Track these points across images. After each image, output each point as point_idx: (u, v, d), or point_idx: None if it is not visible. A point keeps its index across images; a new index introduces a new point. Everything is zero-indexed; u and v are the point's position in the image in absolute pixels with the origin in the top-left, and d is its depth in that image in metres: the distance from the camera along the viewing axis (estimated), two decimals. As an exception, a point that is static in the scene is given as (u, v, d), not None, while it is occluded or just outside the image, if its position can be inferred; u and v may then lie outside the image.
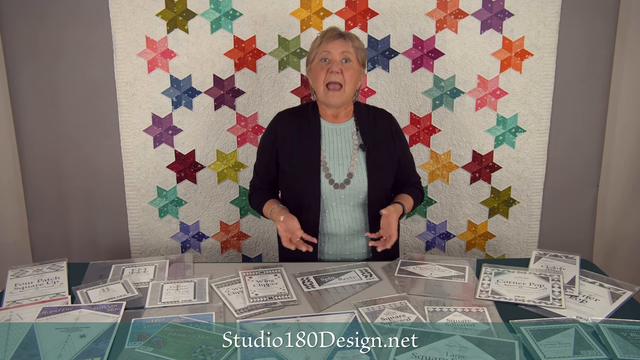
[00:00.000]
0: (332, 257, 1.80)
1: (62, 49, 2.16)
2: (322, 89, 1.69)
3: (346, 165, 1.74)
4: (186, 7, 2.15)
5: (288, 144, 1.76)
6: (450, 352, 1.20)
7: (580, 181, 2.35)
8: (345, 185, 1.72)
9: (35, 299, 1.52)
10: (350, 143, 1.76)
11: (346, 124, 1.79)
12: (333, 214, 1.76)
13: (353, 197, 1.74)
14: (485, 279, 1.59)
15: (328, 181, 1.72)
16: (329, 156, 1.75)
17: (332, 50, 1.68)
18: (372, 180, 1.73)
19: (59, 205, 2.32)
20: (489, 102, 2.25)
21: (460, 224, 2.39)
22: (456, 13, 2.17)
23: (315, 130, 1.76)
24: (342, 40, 1.69)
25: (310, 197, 1.73)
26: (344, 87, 1.68)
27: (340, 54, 1.68)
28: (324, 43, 1.69)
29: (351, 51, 1.69)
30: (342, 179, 1.73)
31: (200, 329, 1.33)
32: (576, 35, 2.19)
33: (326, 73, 1.67)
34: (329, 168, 1.73)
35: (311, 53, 1.74)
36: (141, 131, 2.26)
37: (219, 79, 2.22)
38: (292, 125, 1.78)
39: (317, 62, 1.71)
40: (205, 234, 2.39)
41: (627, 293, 1.50)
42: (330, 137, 1.77)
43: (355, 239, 1.79)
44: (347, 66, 1.68)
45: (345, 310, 1.43)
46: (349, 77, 1.68)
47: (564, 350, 1.23)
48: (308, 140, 1.75)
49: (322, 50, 1.69)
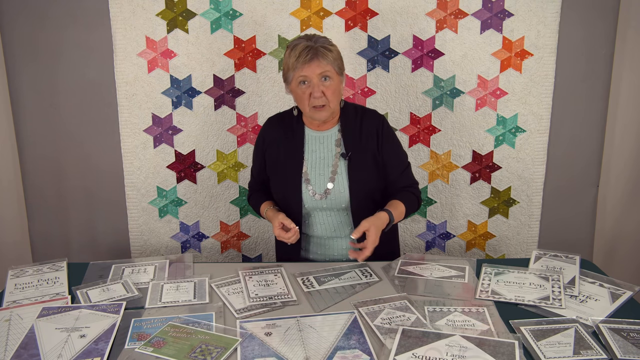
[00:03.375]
0: (320, 257, 1.82)
1: (62, 49, 2.17)
2: (307, 109, 1.67)
3: (326, 175, 1.73)
4: (186, 7, 2.15)
5: (273, 151, 1.79)
6: (450, 352, 1.20)
7: (580, 181, 2.35)
8: (326, 196, 1.73)
9: (35, 299, 1.52)
10: (333, 151, 1.75)
11: (330, 132, 1.76)
12: (317, 218, 1.78)
13: (335, 205, 1.74)
14: (485, 279, 1.59)
15: (310, 191, 1.73)
16: (311, 166, 1.75)
17: (309, 74, 1.61)
18: (353, 189, 1.72)
19: (59, 205, 2.32)
20: (489, 102, 2.25)
21: (460, 224, 2.39)
22: (456, 13, 2.17)
23: (298, 138, 1.76)
24: (317, 61, 1.60)
25: (293, 204, 1.75)
26: (328, 104, 1.65)
27: (318, 75, 1.61)
28: (299, 67, 1.61)
29: (328, 68, 1.62)
30: (322, 189, 1.73)
31: (200, 329, 1.33)
32: (576, 35, 2.19)
33: (309, 97, 1.63)
34: (310, 179, 1.74)
35: (287, 72, 1.66)
36: (141, 131, 2.26)
37: (219, 79, 2.22)
38: (277, 132, 1.79)
39: (296, 85, 1.64)
40: (205, 234, 2.39)
41: (627, 293, 1.50)
42: (313, 145, 1.76)
43: (342, 241, 1.81)
44: (327, 84, 1.63)
45: (345, 310, 1.43)
46: (331, 94, 1.64)
47: (564, 350, 1.23)
48: (291, 149, 1.76)
49: (299, 74, 1.62)
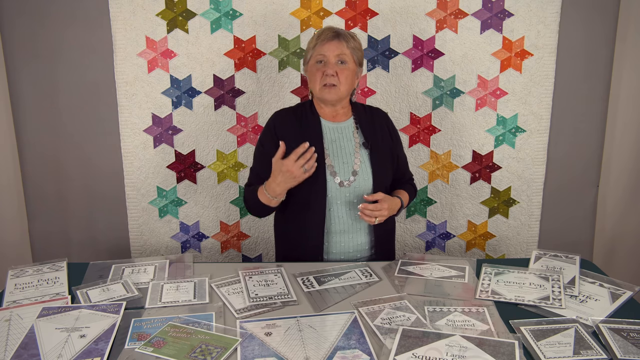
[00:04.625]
0: (336, 256, 1.80)
1: (62, 49, 2.17)
2: (318, 88, 1.72)
3: (350, 164, 1.74)
4: (186, 7, 2.15)
5: (288, 142, 1.70)
6: (450, 352, 1.20)
7: (580, 181, 2.35)
8: (351, 184, 1.73)
9: (35, 299, 1.52)
10: (352, 141, 1.77)
11: (346, 123, 1.79)
12: (337, 211, 1.76)
13: (357, 195, 1.74)
14: (485, 279, 1.59)
15: (333, 180, 1.73)
16: (333, 155, 1.75)
17: (327, 52, 1.68)
18: (376, 178, 1.75)
19: (59, 205, 2.32)
20: (489, 102, 2.25)
21: (460, 224, 2.39)
22: (456, 13, 2.17)
23: (316, 129, 1.76)
24: (337, 42, 1.69)
25: (316, 196, 1.72)
26: (339, 87, 1.70)
27: (336, 56, 1.68)
28: (319, 45, 1.69)
29: (347, 52, 1.69)
30: (347, 177, 1.73)
31: (200, 329, 1.33)
32: (576, 35, 2.19)
33: (322, 75, 1.69)
34: (334, 166, 1.74)
35: (307, 53, 1.75)
36: (141, 131, 2.26)
37: (219, 79, 2.22)
38: (291, 123, 1.78)
39: (313, 63, 1.72)
40: (205, 234, 2.39)
41: (627, 293, 1.50)
42: (331, 135, 1.77)
43: (358, 236, 1.79)
44: (342, 67, 1.69)
45: (345, 310, 1.43)
46: (344, 79, 1.70)
47: (564, 350, 1.23)
48: (310, 139, 1.71)
49: (317, 52, 1.70)
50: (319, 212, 1.73)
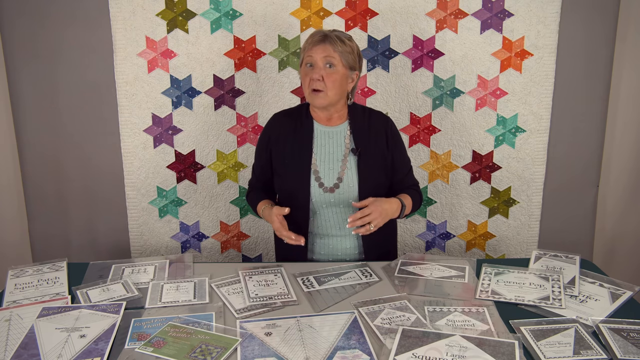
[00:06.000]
0: (324, 257, 1.81)
1: (62, 49, 2.17)
2: (307, 93, 1.71)
3: (336, 170, 1.74)
4: (186, 7, 2.15)
5: (281, 146, 1.78)
6: (450, 352, 1.20)
7: (580, 181, 2.35)
8: (335, 190, 1.73)
9: (35, 299, 1.52)
10: (342, 147, 1.76)
11: (339, 127, 1.78)
12: (324, 215, 1.77)
13: (343, 201, 1.74)
14: (485, 279, 1.59)
15: (317, 184, 1.73)
16: (320, 159, 1.75)
17: (314, 55, 1.66)
18: (362, 185, 1.73)
19: (59, 205, 2.32)
20: (489, 102, 2.25)
21: (460, 224, 2.39)
22: (456, 13, 2.17)
23: (307, 132, 1.77)
24: (324, 45, 1.65)
25: (300, 199, 1.74)
26: (326, 92, 1.67)
27: (323, 59, 1.65)
28: (308, 48, 1.68)
29: (334, 55, 1.65)
30: (331, 183, 1.73)
31: (200, 329, 1.33)
32: (576, 35, 2.19)
33: (310, 80, 1.67)
34: (319, 171, 1.74)
35: (300, 55, 1.75)
36: (141, 131, 2.26)
37: (219, 79, 2.22)
38: (285, 126, 1.79)
39: (304, 66, 1.71)
40: (205, 234, 2.39)
41: (627, 293, 1.50)
42: (322, 140, 1.77)
43: (346, 240, 1.80)
44: (330, 72, 1.66)
45: (345, 310, 1.43)
46: (331, 83, 1.66)
47: (564, 350, 1.23)
48: (300, 142, 1.76)
49: (307, 55, 1.68)
50: (303, 214, 1.75)
